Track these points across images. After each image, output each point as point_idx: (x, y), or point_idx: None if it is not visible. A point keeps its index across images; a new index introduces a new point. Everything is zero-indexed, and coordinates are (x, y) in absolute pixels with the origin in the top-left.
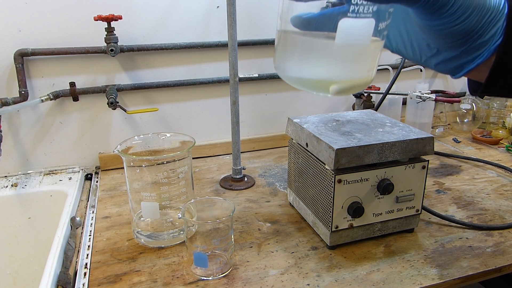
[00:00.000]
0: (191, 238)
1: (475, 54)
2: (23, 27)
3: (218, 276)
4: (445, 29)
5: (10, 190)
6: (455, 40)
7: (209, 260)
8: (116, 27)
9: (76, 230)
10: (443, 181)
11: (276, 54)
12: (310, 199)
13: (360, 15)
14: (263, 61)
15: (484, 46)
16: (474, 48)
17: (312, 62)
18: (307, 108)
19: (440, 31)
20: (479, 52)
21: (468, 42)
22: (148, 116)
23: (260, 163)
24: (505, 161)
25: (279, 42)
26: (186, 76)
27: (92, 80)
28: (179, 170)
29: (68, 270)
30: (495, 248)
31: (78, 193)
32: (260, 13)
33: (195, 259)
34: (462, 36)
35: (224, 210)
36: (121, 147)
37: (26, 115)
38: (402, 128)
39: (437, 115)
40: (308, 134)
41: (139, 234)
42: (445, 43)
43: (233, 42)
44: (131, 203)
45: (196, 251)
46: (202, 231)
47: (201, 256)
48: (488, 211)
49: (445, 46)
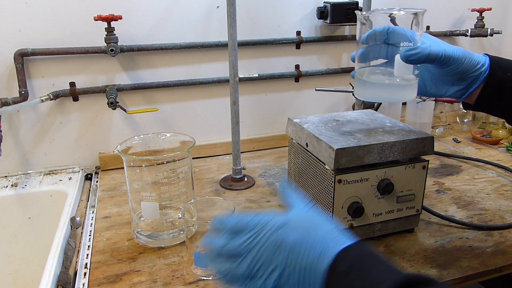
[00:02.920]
0: (191, 238)
1: (472, 84)
2: (23, 27)
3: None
4: (453, 70)
5: (10, 190)
6: (460, 75)
7: None
8: (116, 27)
9: (76, 230)
10: (443, 181)
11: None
12: (310, 199)
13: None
14: (263, 61)
15: (476, 79)
16: (470, 79)
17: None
18: (307, 108)
19: (449, 71)
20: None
21: (467, 77)
22: (148, 116)
23: (260, 163)
24: (505, 161)
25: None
26: (186, 76)
27: (92, 80)
28: (179, 170)
29: (68, 270)
30: (495, 248)
31: (78, 193)
32: (260, 13)
33: (195, 259)
34: (463, 73)
35: (224, 210)
36: (121, 147)
37: (26, 115)
38: (402, 128)
39: (437, 115)
40: (308, 134)
41: (139, 234)
42: (454, 79)
43: (233, 42)
44: (131, 203)
45: (196, 251)
46: (202, 231)
47: (201, 256)
48: (488, 211)
49: (455, 80)
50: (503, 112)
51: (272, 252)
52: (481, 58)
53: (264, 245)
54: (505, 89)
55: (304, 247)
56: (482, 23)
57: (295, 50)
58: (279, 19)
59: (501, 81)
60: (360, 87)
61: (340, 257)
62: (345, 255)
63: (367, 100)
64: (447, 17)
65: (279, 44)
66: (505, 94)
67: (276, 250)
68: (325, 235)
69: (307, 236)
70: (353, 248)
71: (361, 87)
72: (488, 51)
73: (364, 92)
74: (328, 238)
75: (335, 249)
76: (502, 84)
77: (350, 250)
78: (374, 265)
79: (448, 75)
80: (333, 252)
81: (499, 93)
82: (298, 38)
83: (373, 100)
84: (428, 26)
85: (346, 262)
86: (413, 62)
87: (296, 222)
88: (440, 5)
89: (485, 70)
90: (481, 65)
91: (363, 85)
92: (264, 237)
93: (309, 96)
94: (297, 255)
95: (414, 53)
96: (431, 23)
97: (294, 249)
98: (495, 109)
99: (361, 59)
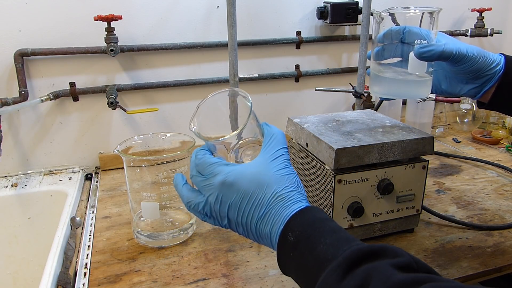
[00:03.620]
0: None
1: (486, 82)
2: (23, 27)
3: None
4: (467, 68)
5: (10, 190)
6: (474, 74)
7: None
8: (116, 27)
9: (76, 230)
10: (443, 181)
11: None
12: (310, 199)
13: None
14: (263, 61)
15: (491, 78)
16: (485, 78)
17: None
18: (307, 108)
19: (464, 70)
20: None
21: (482, 75)
22: (148, 116)
23: None
24: (505, 161)
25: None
26: (186, 76)
27: (92, 80)
28: (179, 170)
29: (68, 270)
30: (495, 248)
31: (78, 193)
32: (260, 13)
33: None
34: (477, 71)
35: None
36: (121, 147)
37: (26, 115)
38: (402, 128)
39: (437, 115)
40: (308, 134)
41: (139, 234)
42: (469, 77)
43: (233, 42)
44: (131, 203)
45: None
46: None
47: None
48: (488, 211)
49: (469, 78)
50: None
51: (218, 203)
52: (496, 57)
53: (211, 196)
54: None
55: (247, 208)
56: (482, 23)
57: (295, 50)
58: (279, 19)
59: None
60: (375, 83)
61: (288, 226)
62: (292, 224)
63: (382, 97)
64: (447, 17)
65: (279, 44)
66: None
67: (220, 204)
68: (271, 199)
69: (252, 197)
70: (301, 215)
71: (376, 84)
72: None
73: (380, 88)
74: (274, 202)
75: (282, 215)
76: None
77: (297, 217)
78: (324, 235)
79: (462, 73)
80: (281, 220)
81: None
82: (298, 38)
83: (388, 96)
84: None
85: (294, 233)
86: (426, 59)
87: (243, 180)
88: (440, 5)
89: (500, 69)
90: (496, 64)
91: (379, 81)
92: (212, 188)
93: (309, 96)
94: (240, 216)
95: (428, 50)
96: None
97: (236, 208)
98: (508, 108)
99: (376, 57)
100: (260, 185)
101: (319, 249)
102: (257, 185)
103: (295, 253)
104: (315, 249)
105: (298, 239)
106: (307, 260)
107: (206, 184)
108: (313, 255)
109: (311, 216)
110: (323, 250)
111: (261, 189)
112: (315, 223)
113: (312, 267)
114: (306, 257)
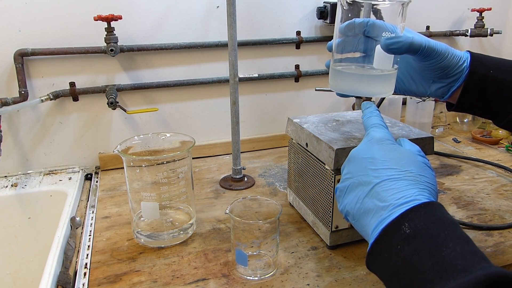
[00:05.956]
0: (234, 234)
1: (454, 82)
2: (23, 27)
3: (260, 277)
4: (435, 64)
5: (10, 190)
6: (442, 71)
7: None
8: (116, 27)
9: (76, 230)
10: (443, 181)
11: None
12: (310, 199)
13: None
14: (263, 61)
15: (459, 76)
16: (453, 77)
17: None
18: (307, 108)
19: (432, 66)
20: (456, 80)
21: (449, 74)
22: (148, 116)
23: (260, 163)
24: (505, 161)
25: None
26: (186, 76)
27: (92, 80)
28: (179, 170)
29: (68, 270)
30: (495, 248)
31: (78, 193)
32: (260, 13)
33: (237, 256)
34: (445, 69)
35: (272, 210)
36: (121, 147)
37: (26, 115)
38: (402, 128)
39: (437, 115)
40: (308, 134)
41: (139, 234)
42: (436, 75)
43: (233, 42)
44: (131, 203)
45: (238, 248)
46: (240, 228)
47: (242, 254)
48: (488, 211)
49: (436, 77)
50: (487, 112)
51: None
52: (462, 54)
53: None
54: (487, 87)
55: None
56: (482, 23)
57: (295, 50)
58: (279, 19)
59: (483, 79)
60: (335, 78)
61: (405, 215)
62: (413, 215)
63: (341, 93)
64: (447, 17)
65: (279, 44)
66: (488, 92)
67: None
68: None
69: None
70: (426, 208)
71: (336, 78)
72: (488, 51)
73: (339, 84)
74: (392, 188)
75: (397, 205)
76: (484, 82)
77: (422, 210)
78: (453, 240)
79: (430, 70)
80: (397, 209)
81: (481, 92)
82: (298, 38)
83: (348, 92)
84: (428, 26)
85: (413, 225)
86: (394, 52)
87: (353, 161)
88: (440, 5)
89: (466, 67)
90: (463, 61)
91: (339, 76)
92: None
93: (309, 96)
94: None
95: (396, 41)
96: (431, 23)
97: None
98: (478, 108)
99: (338, 49)
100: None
101: (444, 253)
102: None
103: (406, 247)
104: (439, 252)
105: (417, 234)
106: (423, 260)
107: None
108: (435, 257)
109: (440, 214)
110: (450, 256)
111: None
112: (444, 223)
113: (429, 270)
114: (423, 256)
